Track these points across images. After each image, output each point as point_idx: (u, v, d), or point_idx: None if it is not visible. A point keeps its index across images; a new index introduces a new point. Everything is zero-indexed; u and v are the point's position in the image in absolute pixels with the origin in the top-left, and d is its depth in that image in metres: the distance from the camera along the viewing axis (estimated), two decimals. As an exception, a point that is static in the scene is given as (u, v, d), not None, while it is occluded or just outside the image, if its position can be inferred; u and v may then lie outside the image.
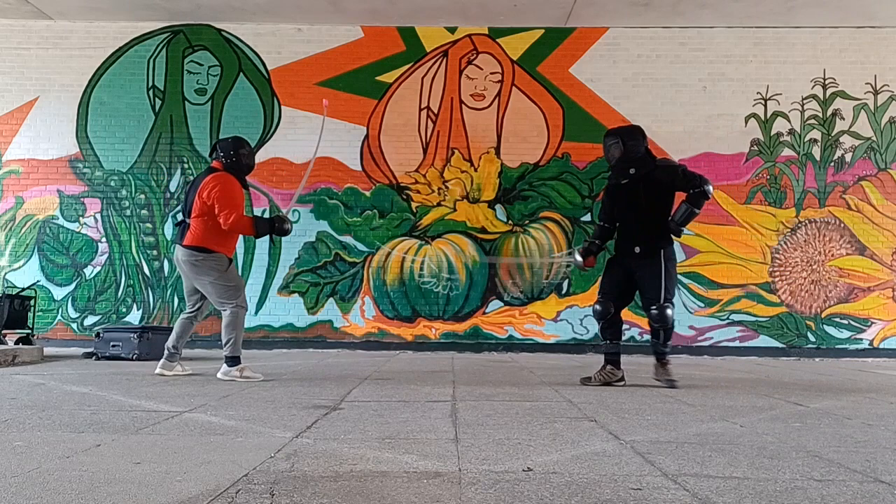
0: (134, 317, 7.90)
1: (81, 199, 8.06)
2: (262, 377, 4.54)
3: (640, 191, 4.44)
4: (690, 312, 7.84)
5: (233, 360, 4.51)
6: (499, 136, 8.07)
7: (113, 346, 6.14)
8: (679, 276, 7.87)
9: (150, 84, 8.15)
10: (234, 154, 4.65)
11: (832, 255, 7.88)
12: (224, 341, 4.53)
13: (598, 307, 4.54)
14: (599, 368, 4.57)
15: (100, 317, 7.90)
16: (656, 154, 4.70)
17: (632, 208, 4.49)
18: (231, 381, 4.41)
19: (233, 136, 4.86)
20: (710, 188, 4.43)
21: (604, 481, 1.91)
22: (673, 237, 4.50)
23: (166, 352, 4.78)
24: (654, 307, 4.34)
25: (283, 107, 8.14)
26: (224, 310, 4.56)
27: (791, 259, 7.89)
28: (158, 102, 8.15)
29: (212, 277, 4.54)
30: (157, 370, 4.74)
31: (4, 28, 8.18)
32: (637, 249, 4.43)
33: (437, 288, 7.91)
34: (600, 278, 4.74)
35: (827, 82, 8.04)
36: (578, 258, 4.79)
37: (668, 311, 4.33)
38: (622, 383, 4.51)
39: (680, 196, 4.53)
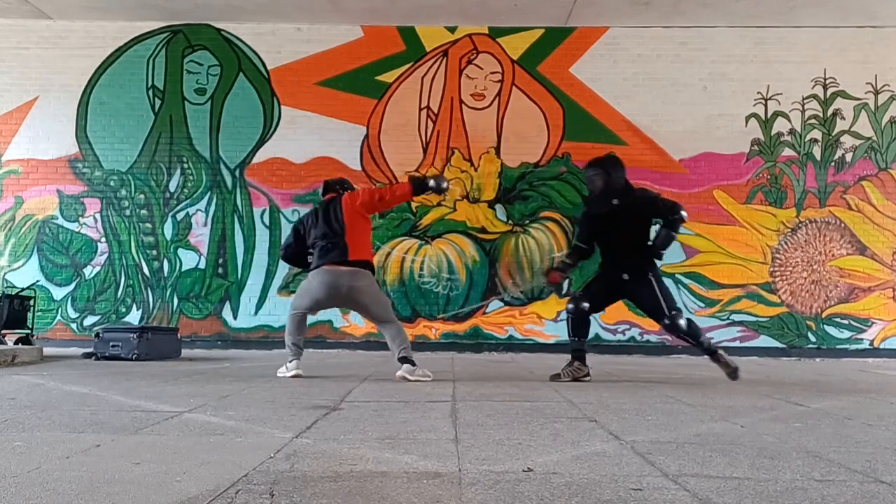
0: (133, 317, 7.90)
1: (81, 199, 8.06)
2: (432, 377, 4.61)
3: (621, 220, 4.71)
4: (691, 312, 7.82)
5: (411, 361, 4.64)
6: (499, 136, 8.07)
7: (112, 346, 6.13)
8: (679, 276, 7.88)
9: (150, 84, 8.15)
10: (343, 187, 4.98)
11: (833, 255, 7.87)
12: (399, 346, 4.70)
13: (571, 304, 4.80)
14: (567, 364, 4.77)
15: (99, 317, 7.89)
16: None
17: (615, 237, 4.77)
18: (416, 379, 4.51)
19: (338, 179, 5.16)
20: (685, 213, 4.72)
21: (604, 482, 1.91)
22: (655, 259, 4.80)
23: (297, 351, 4.82)
24: (665, 320, 4.69)
25: (282, 106, 8.14)
26: (388, 322, 4.82)
27: (791, 259, 7.88)
28: (158, 102, 8.15)
29: (376, 293, 4.84)
30: (291, 372, 4.75)
31: (4, 28, 8.18)
32: (625, 276, 4.73)
33: (437, 288, 7.90)
34: (594, 280, 4.96)
35: (827, 82, 8.04)
36: (542, 279, 5.20)
37: (679, 321, 4.67)
38: (588, 378, 4.73)
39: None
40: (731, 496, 1.78)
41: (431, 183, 4.76)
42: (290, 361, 4.79)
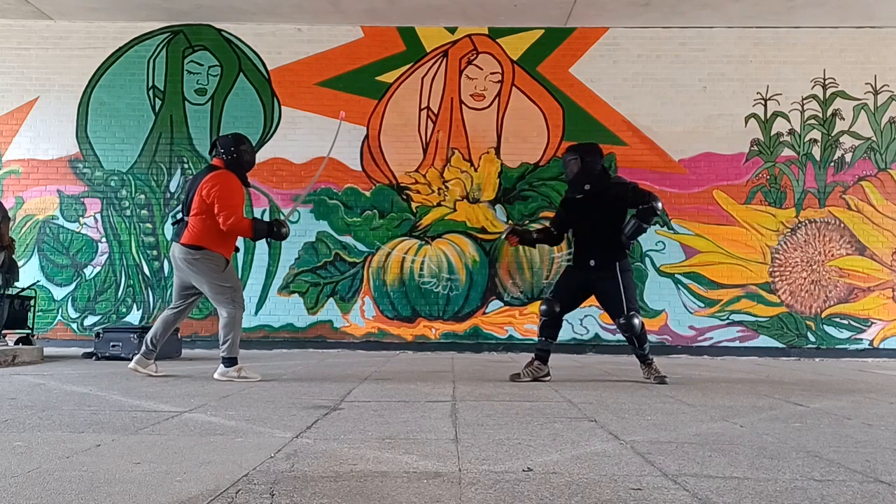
0: (134, 317, 7.90)
1: (81, 200, 8.07)
2: (259, 377, 4.52)
3: (593, 206, 4.68)
4: (690, 312, 7.84)
5: (230, 361, 4.50)
6: (499, 136, 8.08)
7: (113, 346, 6.14)
8: (679, 276, 7.89)
9: (150, 84, 8.16)
10: (234, 151, 4.62)
11: (832, 256, 7.88)
12: (221, 342, 4.52)
13: (544, 306, 4.78)
14: (527, 364, 4.78)
15: (100, 317, 7.90)
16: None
17: (586, 222, 4.75)
18: (229, 381, 4.40)
19: (233, 133, 4.83)
20: (659, 205, 4.64)
21: (604, 481, 1.91)
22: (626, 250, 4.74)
23: (144, 347, 4.71)
24: (620, 319, 4.61)
25: (283, 107, 8.14)
26: (221, 310, 4.54)
27: (791, 259, 7.89)
28: (158, 102, 8.15)
29: (208, 277, 4.51)
30: (132, 365, 4.69)
31: (4, 28, 8.18)
32: (592, 262, 4.69)
33: (437, 288, 7.91)
34: (562, 279, 4.97)
35: (827, 82, 8.05)
36: (503, 238, 5.10)
37: (635, 321, 4.58)
38: (548, 378, 4.75)
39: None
40: (731, 496, 1.78)
41: (274, 230, 4.66)
42: (140, 354, 4.70)
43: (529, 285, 7.92)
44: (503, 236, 5.08)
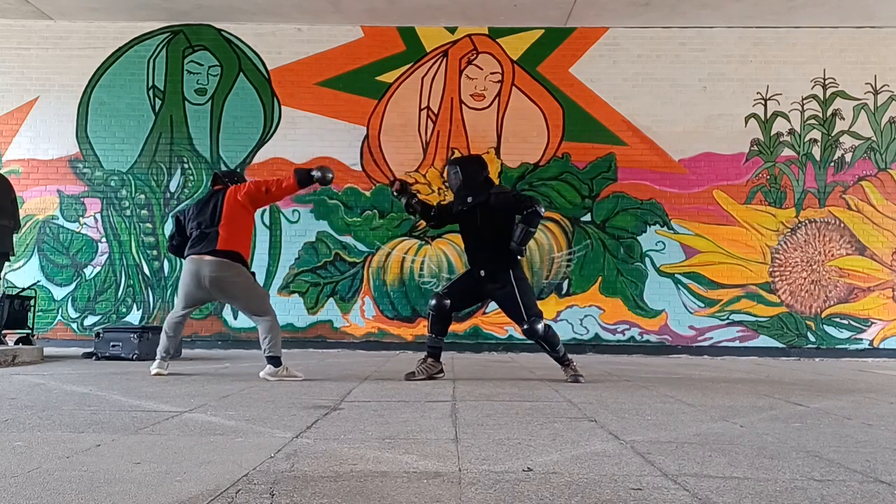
0: (134, 317, 7.91)
1: (81, 199, 8.07)
2: (303, 376, 4.62)
3: (478, 217, 4.69)
4: (690, 312, 7.84)
5: (277, 360, 4.61)
6: (499, 137, 8.08)
7: (113, 346, 6.14)
8: (679, 276, 7.89)
9: (150, 84, 8.16)
10: (237, 179, 4.93)
11: (832, 255, 7.88)
12: (268, 343, 4.61)
13: (433, 301, 4.80)
14: (421, 361, 4.75)
15: (100, 317, 7.90)
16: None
17: (472, 234, 4.77)
18: (278, 380, 4.50)
19: (229, 169, 5.14)
20: (542, 209, 4.65)
21: (604, 481, 1.91)
22: (518, 257, 4.68)
23: (165, 354, 4.84)
24: (524, 325, 4.61)
25: (283, 107, 8.14)
26: (262, 317, 4.66)
27: (791, 259, 7.89)
28: (158, 102, 8.15)
29: (242, 289, 4.69)
30: (154, 370, 4.78)
31: (4, 28, 8.18)
32: (482, 273, 4.69)
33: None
34: (458, 278, 5.02)
35: (827, 82, 8.05)
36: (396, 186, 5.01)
37: (537, 326, 4.60)
38: (441, 375, 4.74)
39: None
40: (731, 496, 1.78)
41: (316, 174, 4.64)
42: (159, 359, 4.81)
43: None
44: (393, 187, 5.04)
